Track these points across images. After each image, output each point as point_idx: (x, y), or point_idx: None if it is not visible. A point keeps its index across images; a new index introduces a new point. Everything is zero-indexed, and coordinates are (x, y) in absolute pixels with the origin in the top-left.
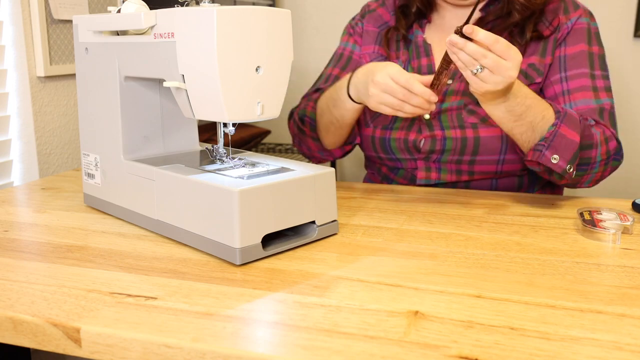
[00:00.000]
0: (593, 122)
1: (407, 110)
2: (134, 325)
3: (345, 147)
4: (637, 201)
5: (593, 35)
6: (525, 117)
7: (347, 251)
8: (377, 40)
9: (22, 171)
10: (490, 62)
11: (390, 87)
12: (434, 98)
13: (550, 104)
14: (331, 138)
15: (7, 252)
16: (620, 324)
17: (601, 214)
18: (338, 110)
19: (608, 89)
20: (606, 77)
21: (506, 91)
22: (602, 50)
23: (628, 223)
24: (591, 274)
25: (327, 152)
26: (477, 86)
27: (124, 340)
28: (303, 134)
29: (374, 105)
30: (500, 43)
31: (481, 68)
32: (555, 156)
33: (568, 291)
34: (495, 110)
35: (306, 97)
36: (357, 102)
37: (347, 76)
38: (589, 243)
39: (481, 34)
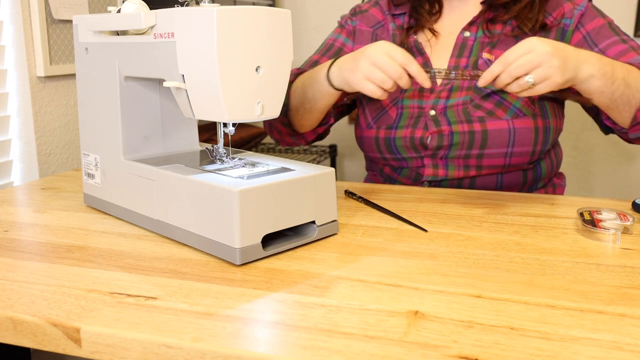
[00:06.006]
0: None
1: (387, 87)
2: (134, 325)
3: (318, 130)
4: (637, 201)
5: (600, 10)
6: (617, 75)
7: (347, 251)
8: (372, 39)
9: (22, 171)
10: (527, 63)
11: (385, 61)
12: (427, 83)
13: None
14: (299, 121)
15: (7, 252)
16: (620, 324)
17: (601, 214)
18: (312, 91)
19: None
20: (631, 39)
21: (579, 61)
22: (612, 20)
23: (628, 223)
24: (591, 274)
25: (299, 135)
26: (549, 87)
27: (124, 340)
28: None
29: (357, 81)
30: (510, 51)
31: (530, 78)
32: None
33: (568, 291)
34: (595, 86)
35: None
36: (334, 87)
37: (332, 60)
38: (589, 243)
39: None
